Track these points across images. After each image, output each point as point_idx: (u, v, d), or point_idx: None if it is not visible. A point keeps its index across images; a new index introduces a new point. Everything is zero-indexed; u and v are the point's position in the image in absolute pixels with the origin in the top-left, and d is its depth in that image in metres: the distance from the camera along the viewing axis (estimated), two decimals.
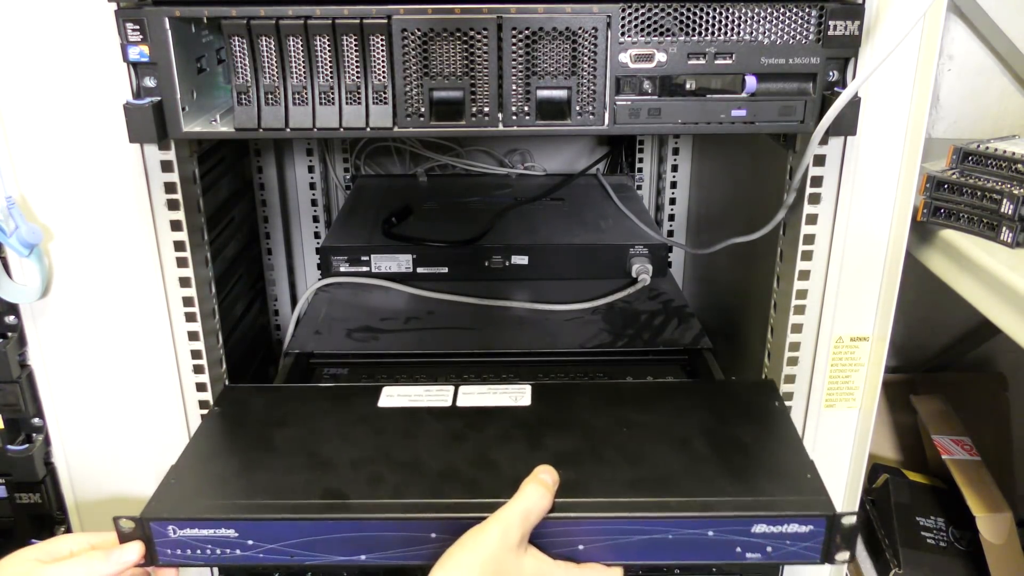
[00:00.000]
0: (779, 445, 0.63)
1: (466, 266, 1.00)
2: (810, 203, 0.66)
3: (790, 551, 0.55)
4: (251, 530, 0.56)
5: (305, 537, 0.56)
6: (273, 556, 0.56)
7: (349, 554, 0.56)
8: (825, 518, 0.55)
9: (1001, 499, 0.90)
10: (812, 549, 0.55)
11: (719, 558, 0.56)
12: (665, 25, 0.58)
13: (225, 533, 0.55)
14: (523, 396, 0.69)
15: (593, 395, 0.69)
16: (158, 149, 0.62)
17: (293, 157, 1.18)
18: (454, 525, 0.54)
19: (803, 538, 0.55)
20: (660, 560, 0.56)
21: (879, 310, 0.70)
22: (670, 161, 1.19)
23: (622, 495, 0.56)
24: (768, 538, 0.55)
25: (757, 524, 0.54)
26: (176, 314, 0.67)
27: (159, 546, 0.56)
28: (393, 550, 0.56)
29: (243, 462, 0.62)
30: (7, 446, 0.72)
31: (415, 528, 0.56)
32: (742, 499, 0.56)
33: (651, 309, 0.94)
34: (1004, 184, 0.69)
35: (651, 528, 0.55)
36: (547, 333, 0.89)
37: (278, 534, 0.56)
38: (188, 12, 0.56)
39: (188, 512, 0.56)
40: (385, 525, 0.56)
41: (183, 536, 0.56)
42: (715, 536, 0.55)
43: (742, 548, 0.55)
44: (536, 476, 0.56)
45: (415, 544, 0.56)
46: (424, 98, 0.58)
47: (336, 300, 0.97)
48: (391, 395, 0.70)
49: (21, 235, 0.62)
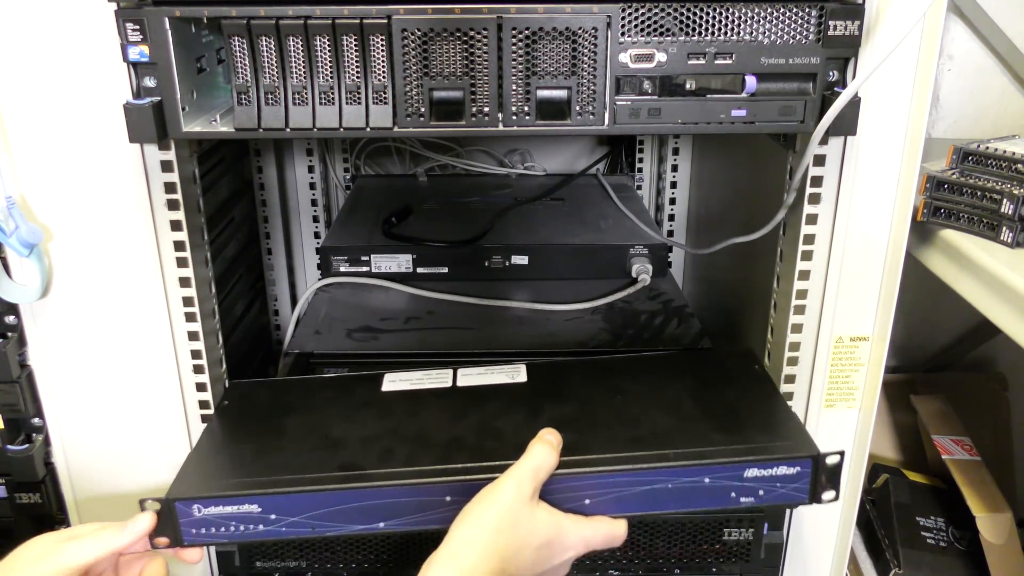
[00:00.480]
0: (762, 402, 0.67)
1: (466, 266, 1.00)
2: (810, 203, 0.66)
3: (780, 493, 0.59)
4: (273, 504, 0.58)
5: (325, 508, 0.58)
6: (295, 529, 0.58)
7: (367, 523, 0.59)
8: (811, 459, 0.59)
9: (1001, 499, 0.90)
10: (800, 490, 0.59)
11: (716, 504, 0.60)
12: (665, 25, 0.58)
13: (248, 509, 0.58)
14: (519, 374, 0.72)
15: (584, 369, 0.72)
16: (158, 149, 0.62)
17: (293, 157, 1.18)
18: (467, 487, 0.57)
19: (791, 479, 0.59)
20: (662, 510, 0.60)
21: (879, 310, 0.70)
22: (670, 161, 1.19)
23: (622, 452, 0.60)
24: (759, 481, 0.59)
25: (749, 468, 0.59)
26: (176, 314, 0.67)
27: (184, 526, 0.58)
28: (410, 516, 0.59)
29: (257, 447, 0.65)
30: (7, 446, 0.72)
31: (430, 493, 0.58)
32: (733, 447, 0.60)
33: (651, 309, 0.94)
34: (1004, 184, 0.69)
35: (651, 479, 0.58)
36: (547, 333, 0.89)
37: (299, 506, 0.58)
38: (188, 12, 0.56)
39: (212, 490, 0.58)
40: (401, 491, 0.58)
41: (207, 515, 0.58)
42: (711, 483, 0.59)
43: (736, 493, 0.59)
44: (541, 437, 0.60)
45: (431, 508, 0.58)
46: (424, 98, 0.58)
47: (336, 300, 0.97)
48: (393, 380, 0.72)
49: (21, 235, 0.62)
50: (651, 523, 0.68)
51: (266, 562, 0.71)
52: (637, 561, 0.71)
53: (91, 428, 0.71)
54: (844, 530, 0.77)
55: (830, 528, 0.77)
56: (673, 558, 0.70)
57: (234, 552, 0.69)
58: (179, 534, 0.58)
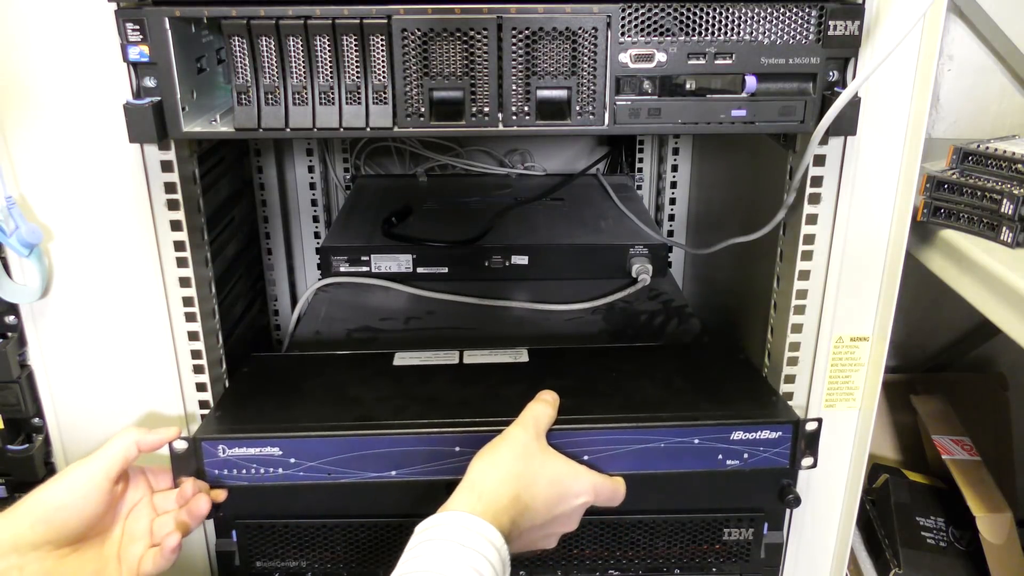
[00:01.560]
0: (748, 381, 0.73)
1: (466, 266, 1.00)
2: (810, 203, 0.66)
3: (763, 456, 0.65)
4: (293, 448, 0.62)
5: (341, 454, 0.63)
6: (312, 474, 0.63)
7: (380, 470, 0.63)
8: (791, 424, 0.65)
9: (1001, 499, 0.90)
10: (781, 455, 0.65)
11: (704, 465, 0.65)
12: (665, 25, 0.58)
13: (270, 451, 0.62)
14: (521, 355, 0.77)
15: (582, 354, 0.79)
16: (158, 149, 0.62)
17: (293, 157, 1.18)
18: (475, 438, 0.61)
19: (773, 444, 0.65)
20: (655, 469, 0.65)
21: (879, 310, 0.70)
22: (670, 161, 1.19)
23: (618, 413, 0.65)
24: (744, 444, 0.65)
25: (735, 432, 0.64)
26: (176, 314, 0.67)
27: (208, 466, 0.63)
28: (421, 465, 0.63)
29: (278, 401, 0.70)
30: (7, 446, 0.72)
31: (440, 443, 0.63)
32: (721, 412, 0.66)
33: (651, 309, 0.94)
34: (1004, 184, 0.70)
35: (646, 438, 0.64)
36: (547, 333, 0.89)
37: (317, 451, 0.62)
38: (188, 12, 0.56)
39: (236, 432, 0.63)
40: (414, 440, 0.63)
41: (231, 456, 0.62)
42: (700, 444, 0.64)
43: (723, 455, 0.65)
44: (539, 396, 0.64)
45: (441, 458, 0.63)
46: (424, 98, 0.58)
47: (336, 300, 0.97)
48: (403, 357, 0.77)
49: (21, 235, 0.62)
50: (651, 523, 0.69)
51: (266, 562, 0.71)
52: (637, 561, 0.71)
53: (91, 428, 0.71)
54: (844, 530, 0.77)
55: (830, 528, 0.77)
56: (673, 558, 0.70)
57: (234, 552, 0.69)
58: (203, 473, 0.62)
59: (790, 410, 0.68)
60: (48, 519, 0.55)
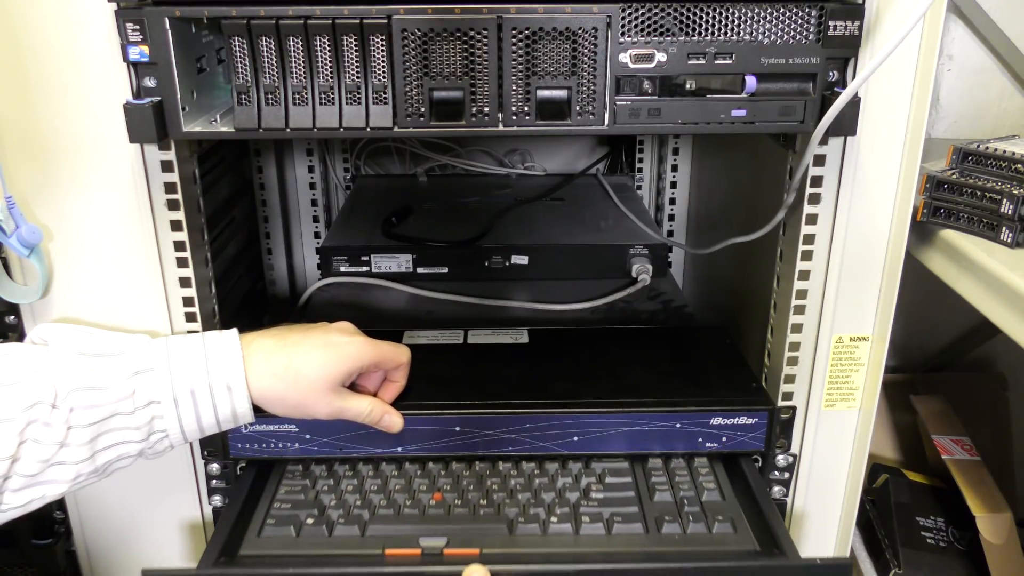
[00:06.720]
0: (731, 367, 0.77)
1: (466, 266, 1.00)
2: (810, 203, 0.66)
3: (740, 440, 0.70)
4: (308, 424, 0.68)
5: (352, 431, 0.68)
6: (325, 449, 0.69)
7: (388, 446, 0.69)
8: (767, 411, 0.69)
9: (1001, 499, 0.90)
10: (757, 439, 0.70)
11: (686, 447, 0.70)
12: (665, 25, 0.58)
13: (287, 428, 0.68)
14: (522, 336, 0.83)
15: (578, 336, 0.83)
16: (158, 149, 0.62)
17: (293, 157, 1.18)
18: (473, 419, 0.68)
19: (750, 429, 0.69)
20: (640, 449, 0.70)
21: (879, 310, 0.70)
22: (670, 161, 1.19)
23: (607, 398, 0.70)
24: (723, 429, 0.69)
25: (715, 417, 0.69)
26: (176, 314, 0.67)
27: (232, 440, 0.68)
28: (424, 442, 0.69)
29: None
30: None
31: (442, 423, 0.68)
32: (703, 399, 0.70)
33: (651, 309, 0.94)
34: (1004, 184, 0.70)
35: (632, 421, 0.69)
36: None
37: (330, 428, 0.68)
38: (188, 12, 0.56)
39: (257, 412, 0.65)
40: (419, 420, 0.68)
41: (252, 431, 0.68)
42: (682, 428, 0.69)
43: (703, 438, 0.69)
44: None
45: (442, 437, 0.68)
46: (424, 98, 0.58)
47: (336, 300, 0.97)
48: (412, 336, 0.83)
49: (21, 235, 0.61)
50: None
51: None
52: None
53: None
54: (844, 530, 0.77)
55: (830, 528, 0.77)
56: None
57: None
58: (227, 447, 0.68)
59: (768, 397, 0.72)
60: None
